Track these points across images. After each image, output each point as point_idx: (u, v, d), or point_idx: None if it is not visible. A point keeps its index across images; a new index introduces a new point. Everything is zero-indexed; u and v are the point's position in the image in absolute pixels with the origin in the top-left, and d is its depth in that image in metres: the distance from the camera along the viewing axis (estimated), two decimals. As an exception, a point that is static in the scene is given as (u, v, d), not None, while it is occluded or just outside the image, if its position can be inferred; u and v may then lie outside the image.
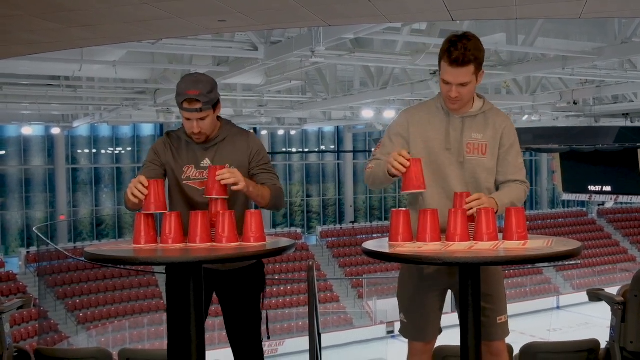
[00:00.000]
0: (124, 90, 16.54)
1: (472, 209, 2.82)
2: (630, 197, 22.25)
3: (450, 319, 3.28)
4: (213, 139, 3.29)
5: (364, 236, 28.67)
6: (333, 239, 29.86)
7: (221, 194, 2.96)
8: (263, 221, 2.92)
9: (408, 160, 2.81)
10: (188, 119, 3.18)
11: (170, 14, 4.64)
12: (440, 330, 3.20)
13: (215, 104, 3.22)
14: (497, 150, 3.10)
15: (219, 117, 3.34)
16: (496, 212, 2.90)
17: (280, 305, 24.53)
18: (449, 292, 3.18)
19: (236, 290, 3.38)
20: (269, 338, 3.60)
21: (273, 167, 3.41)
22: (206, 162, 3.26)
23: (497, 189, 3.13)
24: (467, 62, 2.89)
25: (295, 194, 33.76)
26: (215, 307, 3.54)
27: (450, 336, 3.31)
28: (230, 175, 2.95)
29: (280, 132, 30.44)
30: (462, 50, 2.88)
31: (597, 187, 22.32)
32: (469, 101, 3.08)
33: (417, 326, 3.17)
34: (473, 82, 2.97)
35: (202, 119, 3.17)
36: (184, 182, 3.27)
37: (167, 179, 3.31)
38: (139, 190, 2.88)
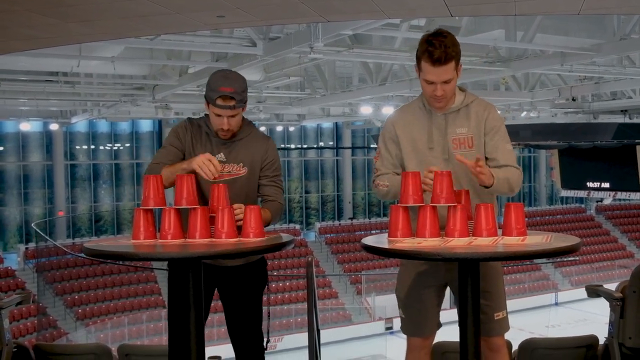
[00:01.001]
0: (122, 86, 16.53)
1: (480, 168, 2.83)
2: (628, 193, 22.22)
3: (449, 314, 3.28)
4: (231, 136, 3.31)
5: (362, 232, 28.71)
6: (332, 235, 29.86)
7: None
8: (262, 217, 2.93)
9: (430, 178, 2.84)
10: (218, 115, 3.18)
11: (169, 9, 4.64)
12: (439, 325, 3.21)
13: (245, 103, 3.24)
14: (483, 140, 3.10)
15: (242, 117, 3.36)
16: (491, 185, 2.89)
17: (279, 302, 24.55)
18: (448, 288, 3.18)
19: (238, 286, 3.38)
20: (268, 340, 3.57)
21: (281, 180, 3.42)
22: (220, 156, 3.27)
23: None
24: (448, 59, 2.92)
25: (294, 190, 33.76)
26: (214, 304, 3.54)
27: (449, 332, 3.32)
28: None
29: (279, 128, 30.42)
30: (442, 49, 2.90)
31: (595, 183, 22.32)
32: (451, 97, 3.10)
33: (415, 321, 3.18)
34: (455, 77, 3.00)
35: (233, 116, 3.18)
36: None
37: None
38: (212, 171, 2.98)
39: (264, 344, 3.50)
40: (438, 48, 2.90)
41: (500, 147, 3.08)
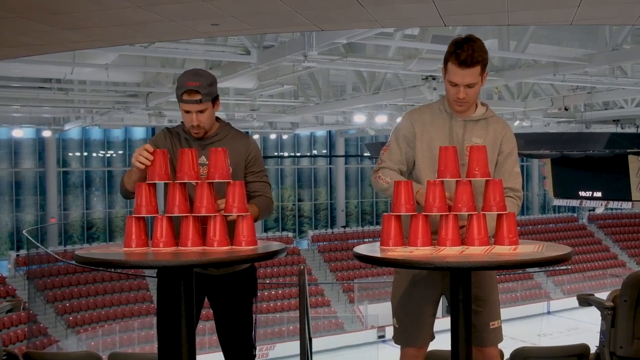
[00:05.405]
0: (115, 93, 16.51)
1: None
2: (620, 203, 22.32)
3: (441, 323, 3.28)
4: (210, 137, 3.30)
5: (355, 241, 28.69)
6: (324, 243, 29.83)
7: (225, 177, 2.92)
8: (254, 225, 2.92)
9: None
10: (187, 112, 3.19)
11: (164, 17, 4.64)
12: (432, 337, 3.20)
13: (215, 99, 3.23)
14: (496, 157, 3.15)
15: (218, 119, 3.35)
16: None
17: (271, 310, 24.48)
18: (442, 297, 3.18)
19: (228, 294, 3.37)
20: (254, 347, 3.54)
21: (267, 174, 3.42)
22: (202, 159, 3.25)
23: None
24: (474, 63, 2.95)
25: (287, 199, 33.73)
26: (205, 312, 3.53)
27: (440, 340, 3.32)
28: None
29: (273, 137, 30.43)
30: (469, 52, 2.94)
31: (587, 192, 22.41)
32: (473, 105, 3.14)
33: (410, 331, 3.16)
34: (479, 83, 3.03)
35: (202, 111, 3.18)
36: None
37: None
38: (145, 157, 2.96)
39: (254, 352, 3.49)
40: (465, 51, 2.94)
41: (508, 170, 3.17)
